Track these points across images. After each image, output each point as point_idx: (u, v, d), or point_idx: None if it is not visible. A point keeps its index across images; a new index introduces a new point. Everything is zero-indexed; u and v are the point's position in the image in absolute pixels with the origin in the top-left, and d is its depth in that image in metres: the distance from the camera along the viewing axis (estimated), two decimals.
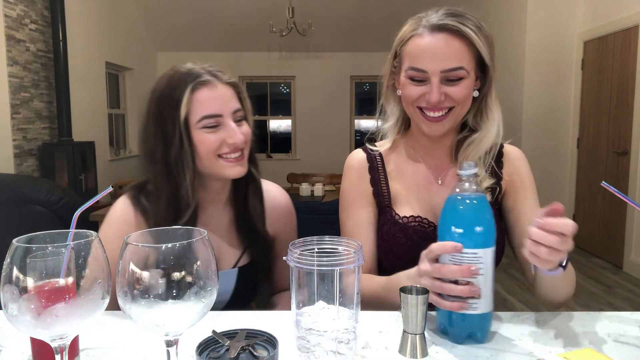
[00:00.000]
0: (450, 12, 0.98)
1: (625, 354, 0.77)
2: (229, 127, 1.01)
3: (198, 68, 1.02)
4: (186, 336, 0.62)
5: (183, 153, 1.00)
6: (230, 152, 1.02)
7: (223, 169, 1.03)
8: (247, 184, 1.12)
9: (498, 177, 1.09)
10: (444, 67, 0.96)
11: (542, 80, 4.95)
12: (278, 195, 1.22)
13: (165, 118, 1.00)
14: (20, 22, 4.24)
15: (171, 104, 0.99)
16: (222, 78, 1.03)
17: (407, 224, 1.06)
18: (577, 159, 4.90)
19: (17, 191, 2.53)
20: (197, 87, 0.99)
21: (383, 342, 0.82)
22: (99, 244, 0.57)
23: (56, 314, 0.54)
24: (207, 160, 1.02)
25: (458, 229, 0.77)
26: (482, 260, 0.76)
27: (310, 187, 3.96)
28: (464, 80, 0.97)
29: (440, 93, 0.97)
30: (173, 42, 7.28)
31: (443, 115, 1.00)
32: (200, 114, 0.99)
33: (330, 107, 7.75)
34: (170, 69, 1.05)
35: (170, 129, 0.99)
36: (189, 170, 1.01)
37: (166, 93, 1.00)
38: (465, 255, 0.76)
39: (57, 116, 4.67)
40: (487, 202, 0.80)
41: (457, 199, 0.79)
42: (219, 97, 1.01)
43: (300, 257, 0.70)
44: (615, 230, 4.26)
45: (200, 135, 1.00)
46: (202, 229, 0.59)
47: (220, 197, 1.12)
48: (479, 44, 0.96)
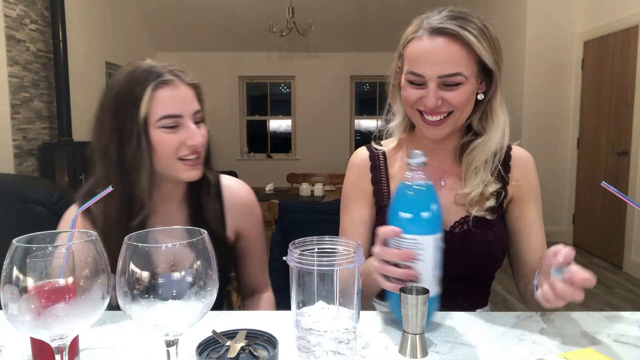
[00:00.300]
0: (452, 15, 0.97)
1: (625, 354, 0.77)
2: (188, 128, 1.00)
3: (159, 66, 1.00)
4: (186, 336, 0.62)
5: (140, 152, 0.97)
6: (190, 154, 1.01)
7: (180, 172, 1.02)
8: (200, 186, 1.10)
9: (504, 182, 1.08)
10: (441, 73, 0.95)
11: (542, 80, 4.94)
12: (239, 190, 1.18)
13: (123, 115, 0.97)
14: (20, 22, 4.24)
15: (131, 101, 0.96)
16: (184, 78, 1.01)
17: None
18: (577, 159, 4.90)
19: (17, 191, 2.52)
20: (158, 85, 0.97)
21: (383, 342, 0.82)
22: (99, 244, 0.57)
23: (56, 314, 0.54)
24: (165, 161, 1.00)
25: (401, 215, 0.80)
26: (422, 247, 0.78)
27: (310, 187, 3.96)
28: (462, 85, 0.96)
29: (436, 98, 0.96)
30: (173, 42, 7.28)
31: (441, 120, 1.00)
32: (161, 113, 0.97)
33: (330, 107, 7.75)
34: (128, 65, 1.02)
35: (128, 127, 0.96)
36: (145, 170, 0.98)
37: (126, 89, 0.97)
38: (406, 240, 0.78)
39: (57, 116, 4.67)
40: (431, 192, 0.81)
41: (403, 186, 0.82)
42: (181, 98, 1.00)
43: (300, 257, 0.70)
44: (615, 230, 4.26)
45: (158, 135, 0.98)
46: (202, 229, 0.59)
47: (175, 196, 1.10)
48: (479, 49, 0.95)
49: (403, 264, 0.79)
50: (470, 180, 1.05)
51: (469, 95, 0.98)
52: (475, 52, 0.95)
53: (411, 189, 0.81)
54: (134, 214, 1.00)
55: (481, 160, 1.04)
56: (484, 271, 1.10)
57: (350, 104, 7.87)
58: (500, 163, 1.08)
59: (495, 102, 1.03)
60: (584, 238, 4.78)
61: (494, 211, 1.06)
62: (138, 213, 1.00)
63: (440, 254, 0.81)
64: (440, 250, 0.81)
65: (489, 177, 1.05)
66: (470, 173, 1.05)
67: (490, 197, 1.05)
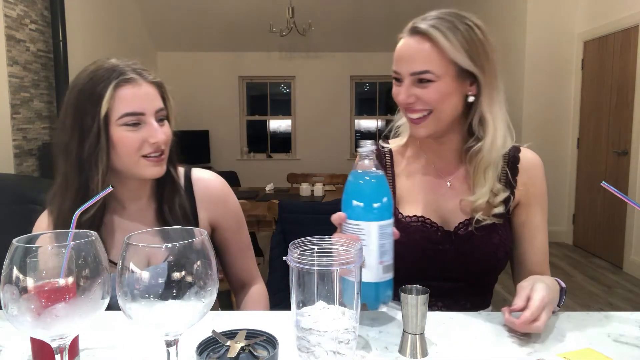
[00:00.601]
0: (436, 15, 0.99)
1: (625, 354, 0.77)
2: (151, 126, 1.01)
3: (123, 65, 1.01)
4: (186, 336, 0.62)
5: (99, 148, 0.98)
6: (153, 152, 1.01)
7: (142, 169, 1.02)
8: (164, 183, 1.10)
9: (512, 187, 1.07)
10: (412, 70, 0.99)
11: (542, 80, 4.94)
12: (209, 182, 1.18)
13: (84, 113, 0.98)
14: (20, 22, 4.24)
15: (92, 99, 0.97)
16: (147, 77, 1.02)
17: (409, 223, 1.06)
18: (577, 159, 4.90)
19: (17, 191, 2.53)
20: (120, 84, 0.98)
21: (383, 342, 0.82)
22: (99, 243, 0.57)
23: (56, 314, 0.54)
24: (127, 159, 1.01)
25: (346, 201, 0.82)
26: (364, 232, 0.80)
27: (310, 187, 3.95)
28: (433, 83, 0.98)
29: (407, 95, 1.00)
30: (173, 42, 7.28)
31: (421, 118, 1.01)
32: (122, 111, 0.98)
33: (330, 107, 7.75)
34: (92, 64, 1.03)
35: (88, 124, 0.98)
36: (102, 165, 0.99)
37: (88, 88, 0.98)
38: (350, 225, 0.81)
39: (57, 116, 4.67)
40: (378, 180, 0.82)
41: (351, 173, 0.84)
42: (142, 96, 1.00)
43: (300, 257, 0.70)
44: (615, 230, 4.26)
45: (120, 133, 0.99)
46: (202, 229, 0.59)
47: (142, 193, 1.10)
48: (446, 48, 0.96)
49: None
50: (478, 186, 1.04)
51: (443, 94, 0.98)
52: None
53: (357, 176, 0.83)
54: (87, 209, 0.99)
55: (485, 164, 1.03)
56: (486, 273, 1.10)
57: (350, 104, 7.86)
58: (508, 168, 1.07)
59: (483, 105, 1.02)
60: (584, 238, 4.78)
61: (500, 216, 1.05)
62: (92, 207, 1.01)
63: (389, 241, 0.82)
64: (389, 237, 0.82)
65: (497, 185, 1.04)
66: (478, 178, 1.04)
67: (499, 204, 1.04)
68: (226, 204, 1.19)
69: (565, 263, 4.35)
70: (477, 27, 0.99)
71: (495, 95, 1.02)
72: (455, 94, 1.00)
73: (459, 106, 1.02)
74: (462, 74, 0.99)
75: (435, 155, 1.12)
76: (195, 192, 1.14)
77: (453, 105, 1.01)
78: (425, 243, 1.05)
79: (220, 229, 1.18)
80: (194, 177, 1.16)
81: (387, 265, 0.83)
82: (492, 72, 1.00)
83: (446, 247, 1.05)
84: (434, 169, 1.11)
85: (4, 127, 4.06)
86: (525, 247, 1.10)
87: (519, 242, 1.10)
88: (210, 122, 7.45)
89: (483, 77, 0.99)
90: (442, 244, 1.05)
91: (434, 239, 1.06)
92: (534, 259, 1.09)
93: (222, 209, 1.18)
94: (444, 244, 1.05)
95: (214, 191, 1.17)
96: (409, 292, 0.76)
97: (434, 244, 1.05)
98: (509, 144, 1.05)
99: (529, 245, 1.09)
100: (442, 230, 1.06)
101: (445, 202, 1.08)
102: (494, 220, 1.04)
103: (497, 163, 1.04)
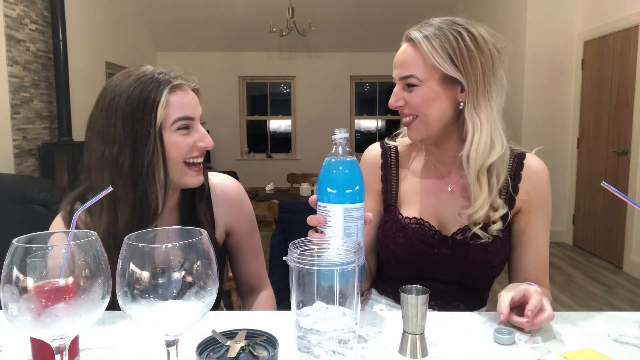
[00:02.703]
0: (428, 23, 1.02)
1: (625, 354, 0.77)
2: (199, 130, 1.02)
3: (166, 71, 1.01)
4: (186, 336, 0.62)
5: (156, 157, 0.97)
6: (198, 157, 1.02)
7: (188, 177, 1.02)
8: (194, 190, 1.09)
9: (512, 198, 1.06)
10: (400, 75, 1.02)
11: (542, 80, 4.95)
12: (227, 186, 1.18)
13: (138, 121, 0.95)
14: (20, 22, 4.24)
15: (147, 105, 0.96)
16: (190, 84, 1.04)
17: (408, 224, 1.07)
18: (577, 159, 4.90)
19: (17, 191, 2.53)
20: (172, 89, 0.98)
21: (383, 342, 0.82)
22: (99, 243, 0.57)
23: (56, 314, 0.54)
24: (174, 166, 1.00)
25: (319, 185, 0.86)
26: (329, 214, 0.82)
27: (310, 187, 3.95)
28: (417, 87, 1.00)
29: (397, 98, 1.04)
30: (173, 42, 7.28)
31: (409, 121, 1.04)
32: (175, 115, 0.98)
33: (330, 107, 7.75)
34: (129, 71, 1.01)
35: (144, 133, 0.96)
36: (160, 176, 0.98)
37: (137, 95, 0.96)
38: (320, 207, 0.84)
39: (57, 116, 4.67)
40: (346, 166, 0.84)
41: (325, 160, 0.88)
42: (191, 101, 1.02)
43: (300, 257, 0.70)
44: (615, 230, 4.26)
45: (173, 137, 0.99)
46: (202, 229, 0.59)
47: (170, 202, 1.09)
48: (426, 53, 0.98)
49: (320, 229, 0.84)
50: (474, 195, 1.02)
51: (427, 99, 1.00)
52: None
53: (329, 162, 0.86)
54: (145, 222, 0.98)
55: (474, 171, 1.01)
56: (479, 279, 1.09)
57: (350, 104, 7.87)
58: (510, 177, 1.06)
59: (466, 111, 1.00)
60: (584, 238, 4.78)
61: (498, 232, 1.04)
62: (151, 221, 0.98)
63: (355, 224, 0.83)
64: (355, 221, 0.83)
65: (498, 201, 1.03)
66: (473, 186, 1.02)
67: (498, 220, 1.03)
68: (242, 208, 1.19)
69: (565, 263, 4.34)
70: (469, 34, 0.98)
71: (482, 101, 0.99)
72: (442, 99, 1.00)
73: (447, 112, 1.01)
74: (448, 79, 0.99)
75: (438, 160, 1.12)
76: (212, 197, 1.14)
77: (440, 110, 1.01)
78: (422, 245, 1.06)
79: (234, 233, 1.19)
80: (212, 181, 1.16)
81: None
82: (477, 78, 0.98)
83: (442, 251, 1.05)
84: (436, 173, 1.12)
85: (4, 127, 4.06)
86: (523, 256, 1.09)
87: (517, 250, 1.09)
88: (210, 122, 7.45)
89: (467, 82, 0.99)
90: (439, 247, 1.06)
91: (430, 242, 1.06)
92: (530, 268, 1.08)
93: (238, 213, 1.18)
94: (440, 248, 1.05)
95: (231, 195, 1.18)
96: (409, 292, 0.76)
97: (430, 247, 1.05)
98: (498, 151, 1.01)
99: (526, 253, 1.08)
100: (440, 234, 1.06)
101: (445, 206, 1.08)
102: (490, 239, 1.03)
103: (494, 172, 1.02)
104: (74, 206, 1.02)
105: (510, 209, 1.06)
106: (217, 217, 1.14)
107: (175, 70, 1.03)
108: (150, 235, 0.60)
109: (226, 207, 1.16)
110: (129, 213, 0.97)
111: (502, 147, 1.02)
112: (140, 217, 0.98)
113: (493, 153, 1.00)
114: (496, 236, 1.04)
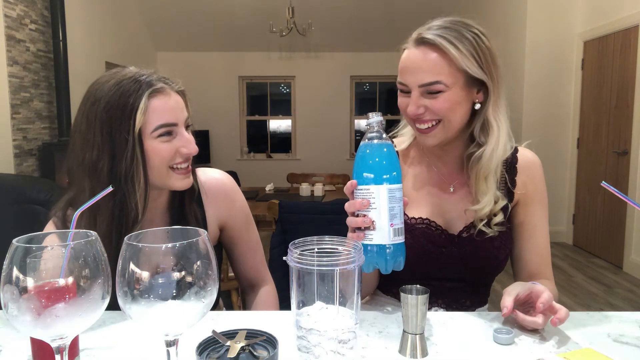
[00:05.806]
0: (440, 24, 0.98)
1: (625, 354, 0.77)
2: (182, 136, 0.98)
3: (147, 74, 0.96)
4: (186, 336, 0.62)
5: (135, 164, 0.93)
6: (182, 162, 0.99)
7: (173, 181, 1.00)
8: (183, 191, 1.07)
9: (510, 191, 1.08)
10: (421, 82, 0.97)
11: (542, 80, 4.95)
12: (218, 180, 1.16)
13: (116, 127, 0.93)
14: (20, 22, 4.24)
15: (124, 112, 0.92)
16: (174, 86, 0.99)
17: (414, 225, 1.07)
18: (577, 159, 4.90)
19: (17, 191, 2.53)
20: (152, 94, 0.94)
21: (383, 342, 0.82)
22: (99, 243, 0.57)
23: (56, 314, 0.54)
24: (157, 171, 0.97)
25: (356, 168, 0.86)
26: (373, 196, 0.83)
27: (310, 187, 3.95)
28: (443, 93, 0.97)
29: (417, 106, 0.99)
30: (173, 42, 7.28)
31: (430, 128, 1.01)
32: (156, 122, 0.94)
33: (330, 107, 7.75)
34: (110, 74, 0.97)
35: (121, 139, 0.93)
36: (139, 183, 0.95)
37: (116, 100, 0.93)
38: (361, 191, 0.84)
39: (57, 116, 4.67)
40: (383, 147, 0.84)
41: (361, 144, 0.87)
42: (173, 105, 0.97)
43: (300, 257, 0.70)
44: (615, 230, 4.26)
45: (154, 144, 0.95)
46: (201, 229, 0.59)
47: (159, 204, 1.08)
48: (456, 57, 0.95)
49: (360, 214, 0.84)
50: (481, 194, 1.03)
51: (453, 104, 0.98)
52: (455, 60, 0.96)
53: (369, 145, 0.86)
54: (124, 229, 0.95)
55: (485, 172, 1.02)
56: (487, 274, 1.11)
57: (350, 104, 7.86)
58: (506, 171, 1.07)
59: (488, 112, 1.01)
60: (584, 238, 4.78)
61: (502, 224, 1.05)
62: (130, 228, 0.96)
63: (398, 205, 0.84)
64: (398, 202, 0.84)
65: (497, 193, 1.04)
66: (479, 185, 1.03)
67: (499, 212, 1.04)
68: (234, 202, 1.17)
69: (565, 263, 4.34)
70: (482, 34, 0.99)
71: (500, 102, 1.02)
72: (464, 102, 1.00)
73: (467, 114, 1.02)
74: (471, 82, 0.99)
75: (439, 160, 1.12)
76: (202, 195, 1.12)
77: (462, 113, 1.01)
78: (429, 245, 1.06)
79: (228, 228, 1.17)
80: (201, 179, 1.13)
81: (397, 229, 0.84)
82: (499, 78, 1.00)
83: (449, 249, 1.06)
84: (437, 174, 1.12)
85: (4, 127, 4.06)
86: (524, 246, 1.10)
87: (518, 241, 1.11)
88: (210, 122, 7.45)
89: (492, 84, 0.99)
90: (446, 246, 1.06)
91: (437, 241, 1.06)
92: (532, 259, 1.10)
93: (230, 206, 1.16)
94: (447, 247, 1.06)
95: (221, 189, 1.16)
96: (409, 292, 0.76)
97: (438, 247, 1.06)
98: (509, 151, 1.05)
99: (527, 244, 1.10)
100: (446, 233, 1.07)
101: (449, 206, 1.09)
102: (496, 233, 1.04)
103: (497, 169, 1.04)
104: (66, 212, 0.99)
105: (510, 202, 1.07)
106: (208, 215, 1.12)
107: (158, 73, 0.99)
108: (151, 236, 0.60)
109: (217, 203, 1.14)
110: (108, 220, 0.95)
111: (512, 146, 1.06)
112: (119, 225, 0.96)
113: (507, 152, 1.04)
114: (501, 230, 1.05)
